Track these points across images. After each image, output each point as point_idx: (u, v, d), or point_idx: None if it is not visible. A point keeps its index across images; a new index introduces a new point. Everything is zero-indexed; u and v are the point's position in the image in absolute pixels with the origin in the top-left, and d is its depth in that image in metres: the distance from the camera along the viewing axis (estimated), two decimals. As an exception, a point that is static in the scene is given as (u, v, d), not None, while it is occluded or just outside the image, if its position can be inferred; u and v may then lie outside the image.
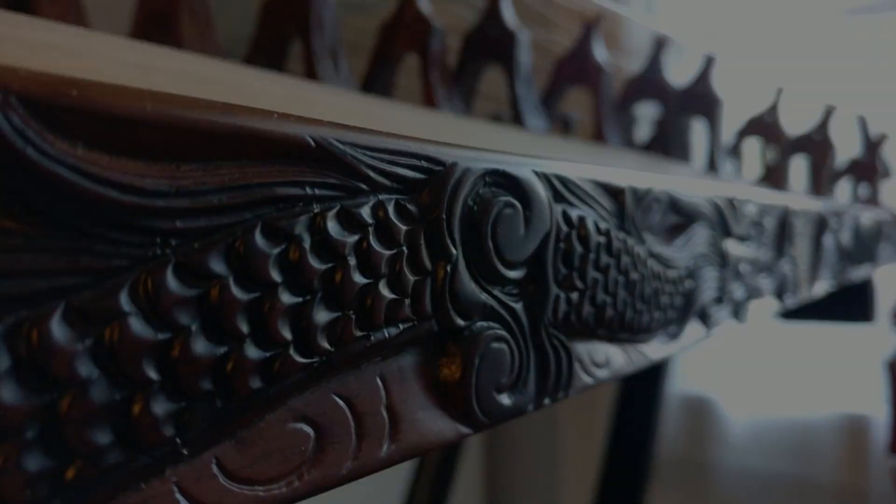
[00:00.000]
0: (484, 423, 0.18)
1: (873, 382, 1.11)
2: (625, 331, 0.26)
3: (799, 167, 0.84)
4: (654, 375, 0.82)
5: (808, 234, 0.52)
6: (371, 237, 0.15)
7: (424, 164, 0.17)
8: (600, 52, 0.58)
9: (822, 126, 0.73)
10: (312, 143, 0.14)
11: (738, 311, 0.37)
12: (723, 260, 0.35)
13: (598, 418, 1.11)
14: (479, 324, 0.19)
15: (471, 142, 0.19)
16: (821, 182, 0.72)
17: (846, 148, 0.92)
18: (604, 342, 0.25)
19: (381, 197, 0.16)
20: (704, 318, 0.33)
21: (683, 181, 0.31)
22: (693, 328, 0.32)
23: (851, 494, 1.17)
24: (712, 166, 0.64)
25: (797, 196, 0.51)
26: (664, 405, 0.85)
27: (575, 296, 0.23)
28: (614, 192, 0.25)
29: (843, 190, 0.93)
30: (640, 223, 0.27)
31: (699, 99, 0.63)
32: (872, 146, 0.89)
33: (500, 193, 0.19)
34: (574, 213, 0.23)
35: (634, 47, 0.96)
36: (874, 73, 1.16)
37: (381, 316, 0.16)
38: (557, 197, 0.22)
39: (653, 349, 0.28)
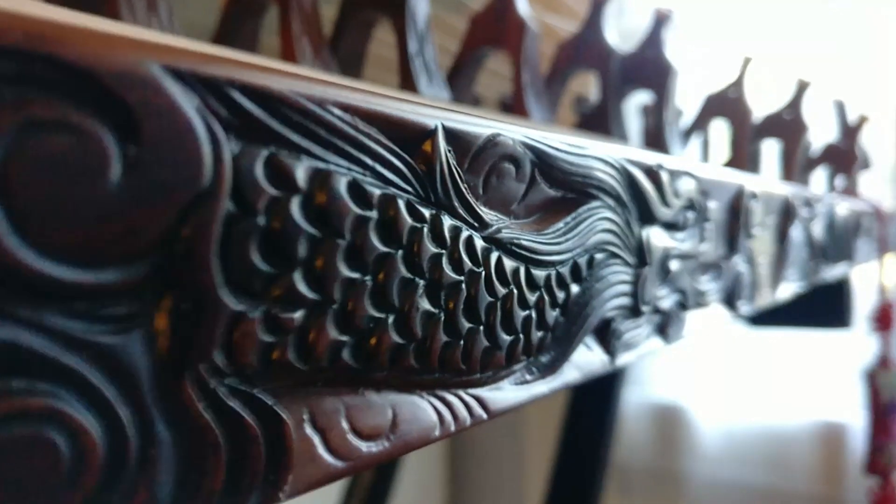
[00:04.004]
0: None
1: (849, 390, 1.04)
2: (434, 370, 0.15)
3: (769, 155, 0.75)
4: (607, 381, 0.72)
5: (772, 224, 0.42)
6: None
7: None
8: (523, 7, 0.48)
9: (794, 104, 0.63)
10: None
11: (664, 326, 0.27)
12: (640, 256, 0.25)
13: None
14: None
15: None
16: (792, 168, 0.63)
17: (821, 139, 0.83)
18: (388, 391, 0.14)
19: None
20: (606, 339, 0.22)
21: (567, 136, 0.21)
22: (584, 355, 0.21)
23: (827, 506, 1.10)
24: (660, 149, 0.54)
25: (758, 177, 0.41)
26: (619, 413, 0.75)
27: (299, 314, 0.12)
28: (412, 139, 0.15)
29: (818, 181, 0.84)
30: (476, 193, 0.17)
31: (647, 66, 0.53)
32: (850, 132, 0.79)
33: (35, 97, 0.09)
34: (301, 165, 0.12)
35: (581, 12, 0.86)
36: (847, 60, 1.07)
37: None
38: (246, 127, 0.11)
39: (501, 394, 0.18)
